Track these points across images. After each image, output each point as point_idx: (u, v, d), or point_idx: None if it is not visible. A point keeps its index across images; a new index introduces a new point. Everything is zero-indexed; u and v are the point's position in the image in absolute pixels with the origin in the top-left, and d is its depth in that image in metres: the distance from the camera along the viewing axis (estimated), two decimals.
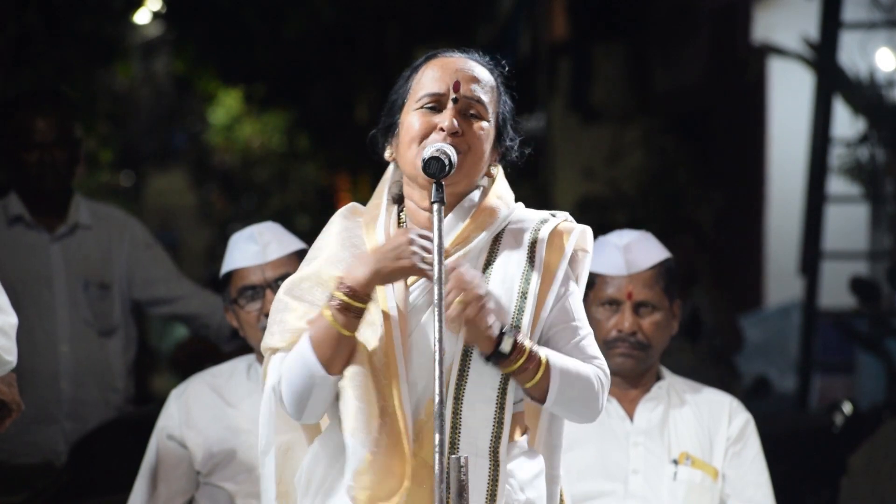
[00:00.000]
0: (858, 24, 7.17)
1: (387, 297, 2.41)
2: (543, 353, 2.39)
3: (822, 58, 7.22)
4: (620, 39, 13.07)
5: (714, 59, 11.34)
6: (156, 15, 8.23)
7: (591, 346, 2.48)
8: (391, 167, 2.57)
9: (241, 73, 12.91)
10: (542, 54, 14.19)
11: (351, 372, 2.37)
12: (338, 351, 2.35)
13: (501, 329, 2.36)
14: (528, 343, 2.37)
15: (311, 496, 2.44)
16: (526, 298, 2.43)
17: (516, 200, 2.54)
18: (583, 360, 2.45)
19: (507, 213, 2.50)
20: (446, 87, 2.44)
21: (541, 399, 2.40)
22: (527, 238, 2.48)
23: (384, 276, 2.35)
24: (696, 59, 11.71)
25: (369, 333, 2.38)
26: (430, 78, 2.46)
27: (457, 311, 2.31)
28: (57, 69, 7.11)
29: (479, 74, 2.47)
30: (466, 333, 2.35)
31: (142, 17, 7.98)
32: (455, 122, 2.41)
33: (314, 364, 2.34)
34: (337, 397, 2.40)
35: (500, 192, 2.52)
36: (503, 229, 2.50)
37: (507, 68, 2.56)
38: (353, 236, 2.50)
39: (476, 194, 2.50)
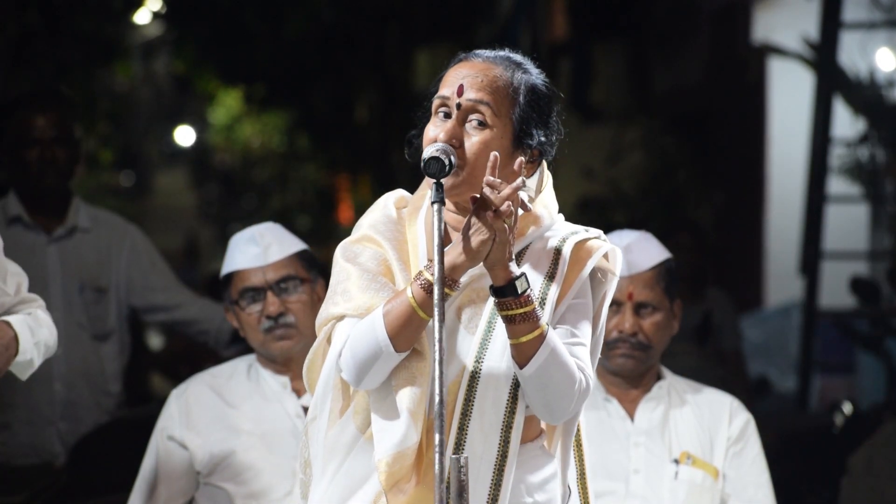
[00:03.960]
0: (858, 24, 7.18)
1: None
2: (547, 325, 2.37)
3: (822, 58, 7.22)
4: (620, 39, 13.09)
5: (714, 59, 11.34)
6: (156, 15, 8.23)
7: (584, 355, 2.45)
8: None
9: (241, 73, 12.92)
10: (542, 54, 14.17)
11: (425, 349, 2.37)
12: (408, 330, 2.33)
13: (518, 276, 2.35)
14: (535, 303, 2.35)
15: (325, 483, 2.43)
16: (544, 306, 2.42)
17: None
18: None
19: (549, 223, 2.50)
20: (451, 92, 2.43)
21: (522, 363, 2.36)
22: (552, 248, 2.47)
23: (474, 254, 2.33)
24: (696, 59, 11.71)
25: None
26: (445, 83, 2.46)
27: (509, 195, 2.30)
28: (57, 69, 7.10)
29: (493, 76, 2.44)
30: (494, 250, 2.32)
31: (142, 17, 7.98)
32: (447, 134, 2.40)
33: (383, 338, 2.33)
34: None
35: (547, 202, 2.52)
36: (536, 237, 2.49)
37: (536, 62, 2.52)
38: (391, 224, 2.49)
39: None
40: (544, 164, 2.55)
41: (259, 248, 3.34)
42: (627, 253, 3.29)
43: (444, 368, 2.24)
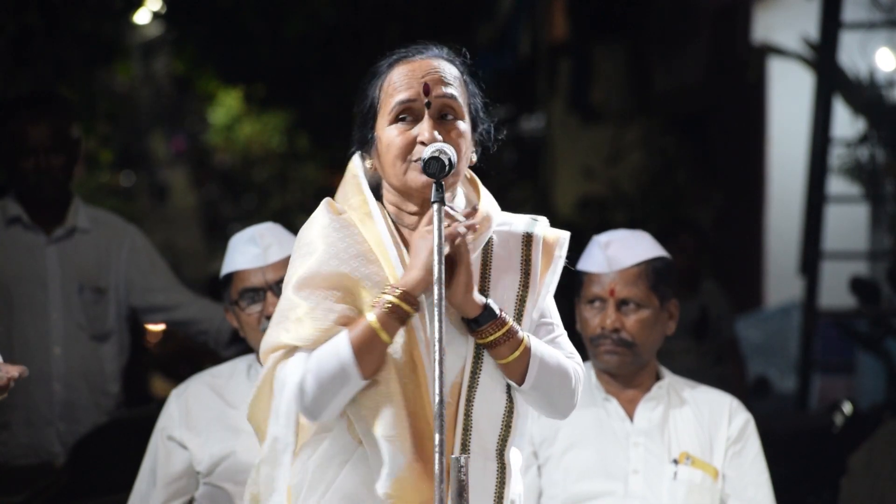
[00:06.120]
0: (858, 24, 7.17)
1: None
2: (526, 336, 2.41)
3: (822, 58, 7.21)
4: (620, 39, 13.09)
5: (714, 59, 11.34)
6: (156, 15, 8.22)
7: (567, 343, 2.52)
8: (356, 162, 2.52)
9: (241, 73, 12.90)
10: (542, 54, 14.20)
11: (382, 376, 2.35)
12: (376, 355, 2.32)
13: (487, 300, 2.38)
14: (510, 321, 2.38)
15: (315, 499, 2.42)
16: (525, 303, 2.46)
17: (517, 201, 2.55)
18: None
19: (498, 218, 2.51)
20: (416, 93, 2.41)
21: (519, 381, 2.40)
22: (518, 244, 2.49)
23: (425, 266, 2.32)
24: (696, 59, 11.71)
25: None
26: (397, 85, 2.42)
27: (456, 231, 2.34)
28: (57, 69, 7.09)
29: (446, 70, 2.44)
30: (459, 288, 2.34)
31: (142, 17, 7.96)
32: (435, 134, 2.39)
33: (351, 366, 2.31)
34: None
35: (490, 198, 2.53)
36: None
37: (468, 55, 2.53)
38: (344, 230, 2.45)
39: (461, 197, 2.50)
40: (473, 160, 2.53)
41: (259, 248, 3.34)
42: (608, 250, 3.30)
43: (443, 368, 2.25)
